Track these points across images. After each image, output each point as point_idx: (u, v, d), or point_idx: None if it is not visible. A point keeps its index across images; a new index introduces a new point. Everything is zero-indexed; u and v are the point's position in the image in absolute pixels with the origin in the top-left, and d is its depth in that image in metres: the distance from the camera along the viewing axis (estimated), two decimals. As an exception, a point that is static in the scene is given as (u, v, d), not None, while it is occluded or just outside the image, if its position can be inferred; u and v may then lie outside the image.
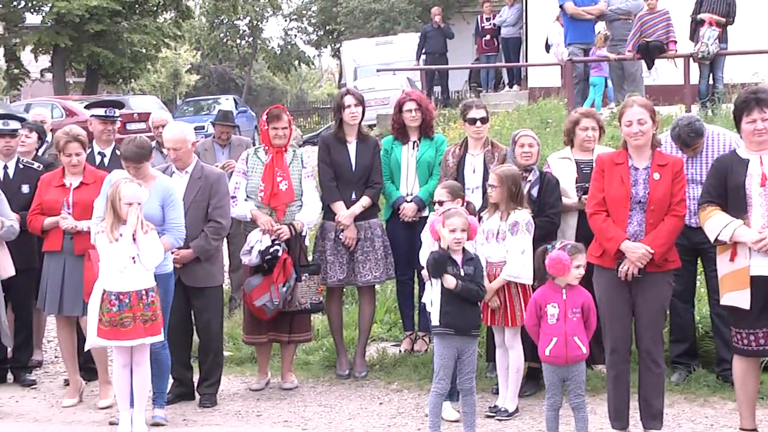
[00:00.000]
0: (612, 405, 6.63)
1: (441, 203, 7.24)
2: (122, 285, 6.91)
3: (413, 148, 8.63)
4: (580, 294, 6.48)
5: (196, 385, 7.96)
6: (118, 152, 8.56)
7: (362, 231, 8.35)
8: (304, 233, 8.24)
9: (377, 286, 8.99)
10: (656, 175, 6.41)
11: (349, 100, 8.36)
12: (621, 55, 15.44)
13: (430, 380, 6.98)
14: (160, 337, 7.06)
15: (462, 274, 6.60)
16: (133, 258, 6.92)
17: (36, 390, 8.38)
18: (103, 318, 6.92)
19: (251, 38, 54.03)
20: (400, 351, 8.88)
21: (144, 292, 6.95)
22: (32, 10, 33.78)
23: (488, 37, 21.99)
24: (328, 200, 8.34)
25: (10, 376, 8.56)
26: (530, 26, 22.26)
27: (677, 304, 7.64)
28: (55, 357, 9.18)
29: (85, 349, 7.33)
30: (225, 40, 53.83)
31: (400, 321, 9.22)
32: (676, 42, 14.96)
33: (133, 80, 38.86)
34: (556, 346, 6.39)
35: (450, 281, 6.56)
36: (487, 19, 22.12)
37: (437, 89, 22.78)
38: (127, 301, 6.90)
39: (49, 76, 36.25)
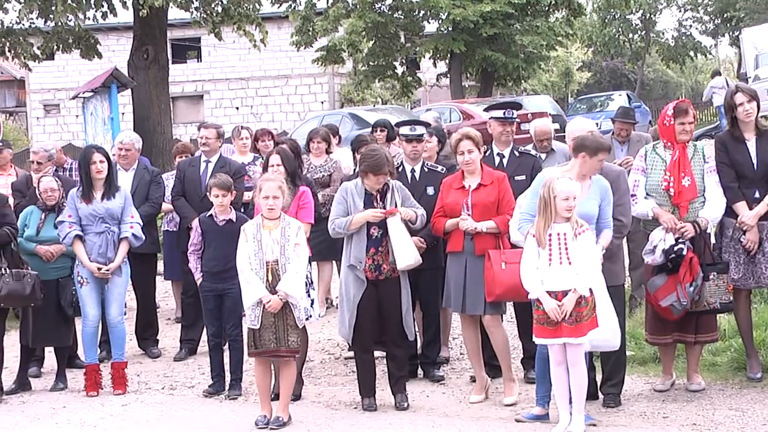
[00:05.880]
0: None
1: None
2: (553, 285, 7.05)
3: (826, 138, 8.08)
4: None
5: (599, 384, 7.91)
6: (516, 153, 8.71)
7: (764, 231, 7.92)
8: (708, 230, 7.95)
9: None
10: None
11: (740, 98, 7.98)
12: None
13: None
14: (583, 339, 7.10)
15: None
16: (567, 259, 7.05)
17: (444, 385, 8.66)
18: (536, 317, 7.09)
19: (644, 32, 53.09)
20: (819, 353, 8.34)
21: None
22: (430, 19, 35.16)
23: None
24: (731, 201, 7.97)
25: (420, 372, 8.90)
26: None
27: None
28: (461, 354, 9.45)
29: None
30: (617, 35, 53.28)
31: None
32: None
33: (524, 81, 39.37)
34: None
35: None
36: None
37: None
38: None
39: (445, 81, 37.60)
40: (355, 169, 10.05)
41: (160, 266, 11.51)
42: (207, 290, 8.75)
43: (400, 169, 8.71)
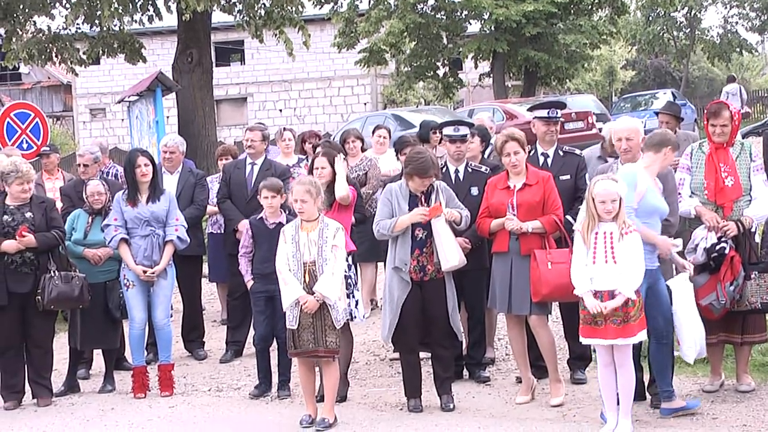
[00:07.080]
0: None
1: None
2: (598, 284, 7.01)
3: None
4: None
5: (646, 385, 7.84)
6: (560, 152, 8.65)
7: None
8: (753, 229, 7.86)
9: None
10: None
11: None
12: None
13: None
14: (632, 340, 7.06)
15: None
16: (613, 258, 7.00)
17: (490, 386, 8.63)
18: (583, 317, 7.10)
19: (689, 29, 52.58)
20: None
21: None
22: (472, 20, 35.08)
23: None
24: (781, 199, 7.91)
25: (465, 373, 8.87)
26: None
27: None
28: (506, 354, 9.41)
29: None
30: (661, 33, 52.80)
31: None
32: None
33: (567, 80, 39.16)
34: None
35: None
36: None
37: None
38: (599, 299, 7.01)
39: (488, 81, 37.50)
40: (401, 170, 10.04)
41: (205, 268, 11.58)
42: (258, 292, 8.77)
43: (443, 169, 8.69)
